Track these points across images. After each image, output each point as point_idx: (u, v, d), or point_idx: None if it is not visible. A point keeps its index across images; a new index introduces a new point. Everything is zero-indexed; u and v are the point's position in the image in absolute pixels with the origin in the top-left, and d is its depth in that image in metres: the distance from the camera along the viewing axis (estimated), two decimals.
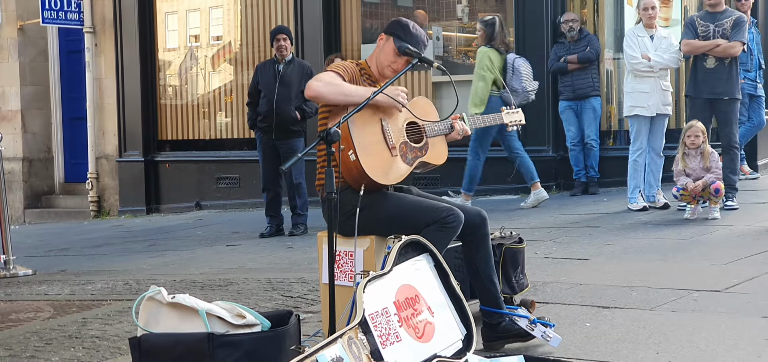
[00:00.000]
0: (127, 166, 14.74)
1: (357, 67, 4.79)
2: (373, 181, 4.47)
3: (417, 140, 4.74)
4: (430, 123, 4.80)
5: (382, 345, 3.70)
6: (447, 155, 4.89)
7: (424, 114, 4.82)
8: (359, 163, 4.42)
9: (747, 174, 11.02)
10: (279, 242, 9.56)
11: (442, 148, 4.86)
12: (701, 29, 8.93)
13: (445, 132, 4.86)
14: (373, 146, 4.54)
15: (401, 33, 4.77)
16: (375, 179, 4.47)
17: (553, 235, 8.18)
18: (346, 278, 4.46)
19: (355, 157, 4.42)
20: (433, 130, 4.80)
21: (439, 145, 4.84)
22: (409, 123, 4.74)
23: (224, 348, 3.74)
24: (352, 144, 4.44)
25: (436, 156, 4.80)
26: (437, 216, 4.41)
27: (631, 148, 9.41)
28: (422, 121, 4.78)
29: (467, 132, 4.95)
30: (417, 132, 4.75)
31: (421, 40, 4.80)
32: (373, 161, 4.49)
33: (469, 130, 4.95)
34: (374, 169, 4.48)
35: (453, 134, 4.89)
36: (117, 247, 10.66)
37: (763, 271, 6.14)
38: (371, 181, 4.46)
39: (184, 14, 15.15)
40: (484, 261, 4.64)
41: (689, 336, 4.60)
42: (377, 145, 4.57)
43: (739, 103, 9.18)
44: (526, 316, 4.63)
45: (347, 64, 4.76)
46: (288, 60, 9.87)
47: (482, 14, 12.70)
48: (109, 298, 6.79)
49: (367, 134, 4.53)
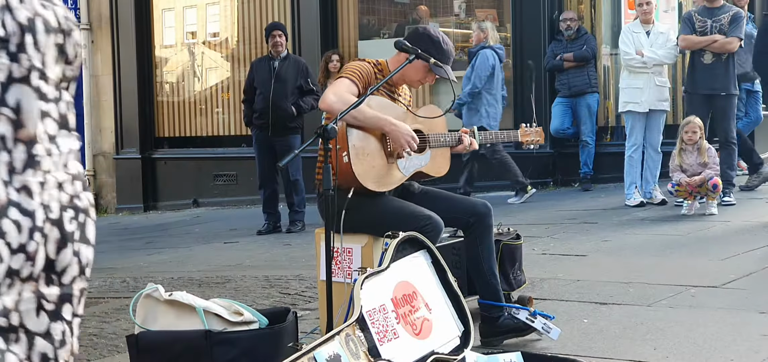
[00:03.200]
0: (125, 163, 14.72)
1: (374, 69, 4.67)
2: (364, 186, 4.45)
3: (419, 149, 4.64)
4: (436, 135, 4.73)
5: (379, 342, 3.70)
6: (448, 168, 4.82)
7: (432, 123, 4.75)
8: (350, 166, 4.40)
9: (744, 170, 11.02)
10: (277, 239, 9.55)
11: (443, 160, 4.79)
12: (699, 24, 8.93)
13: (451, 144, 4.81)
14: (369, 151, 4.50)
15: (434, 52, 4.63)
16: (365, 185, 4.45)
17: (551, 232, 8.18)
18: (343, 275, 4.45)
19: (347, 159, 4.39)
20: (438, 142, 4.73)
21: (440, 156, 4.78)
22: (415, 130, 4.64)
23: (222, 345, 3.74)
24: (346, 145, 4.41)
25: (437, 168, 4.75)
26: (416, 224, 4.39)
27: (627, 143, 9.43)
28: (429, 131, 4.71)
29: (475, 147, 4.90)
30: (421, 140, 4.65)
31: (451, 54, 4.71)
32: (365, 167, 4.45)
33: (477, 145, 4.91)
34: (365, 176, 4.45)
35: (459, 147, 4.82)
36: (114, 245, 10.65)
37: (761, 267, 6.15)
38: (361, 186, 4.44)
39: (180, 11, 15.14)
40: (487, 252, 4.65)
41: (687, 332, 4.60)
42: (374, 150, 4.52)
43: (736, 98, 9.19)
44: (525, 309, 4.64)
45: (363, 66, 4.63)
46: (283, 56, 9.86)
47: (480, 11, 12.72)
48: (106, 296, 6.79)
49: (367, 140, 4.50)
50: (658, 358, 4.20)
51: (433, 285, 4.16)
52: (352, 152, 4.40)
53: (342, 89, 4.45)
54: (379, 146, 4.55)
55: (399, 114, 4.64)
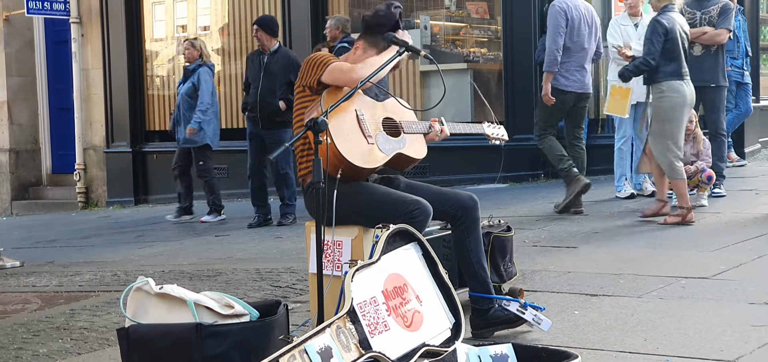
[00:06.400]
0: (115, 156, 14.70)
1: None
2: (351, 163, 4.45)
3: (394, 135, 4.73)
4: (409, 122, 4.81)
5: (370, 334, 3.70)
6: (426, 151, 4.88)
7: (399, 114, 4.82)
8: (335, 146, 4.39)
9: (734, 161, 11.06)
10: (268, 232, 9.55)
11: (420, 144, 4.86)
12: (688, 17, 8.95)
13: (423, 132, 4.88)
14: (349, 133, 4.53)
15: (375, 26, 4.75)
16: (352, 161, 4.45)
17: (542, 223, 8.19)
18: (334, 268, 4.45)
19: (330, 139, 4.40)
20: (411, 128, 4.81)
21: (416, 142, 4.84)
22: (386, 118, 4.74)
23: (213, 338, 3.74)
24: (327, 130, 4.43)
25: (415, 151, 4.80)
26: (404, 209, 4.41)
27: (616, 135, 9.46)
28: (401, 118, 4.78)
29: (446, 134, 4.96)
30: (394, 127, 4.75)
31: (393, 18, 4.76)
32: (349, 146, 4.47)
33: (448, 132, 4.96)
34: (350, 153, 4.46)
35: (431, 134, 4.89)
36: (105, 238, 10.64)
37: (751, 258, 6.17)
38: (349, 163, 4.44)
39: (170, 4, 15.11)
40: (475, 244, 4.65)
41: (677, 323, 4.62)
42: (353, 132, 4.55)
43: (725, 90, 9.21)
44: (516, 300, 4.65)
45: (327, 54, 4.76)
46: (273, 50, 9.86)
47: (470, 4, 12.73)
48: (97, 289, 6.78)
49: (342, 121, 4.52)
50: (649, 349, 4.21)
51: (424, 277, 4.16)
52: (333, 132, 4.39)
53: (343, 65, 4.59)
54: (356, 125, 4.58)
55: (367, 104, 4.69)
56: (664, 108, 7.76)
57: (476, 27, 12.98)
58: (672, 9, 7.89)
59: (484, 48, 12.74)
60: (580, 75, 8.70)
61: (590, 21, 8.76)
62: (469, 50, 12.74)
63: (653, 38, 7.72)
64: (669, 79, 7.73)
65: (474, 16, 13.00)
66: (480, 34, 13.01)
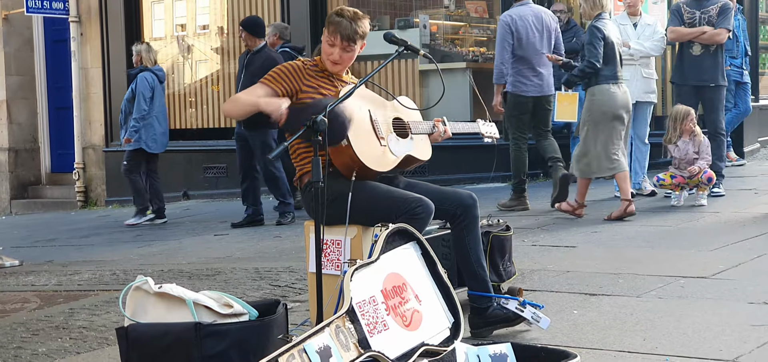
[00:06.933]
0: (114, 155, 14.67)
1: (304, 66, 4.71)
2: (366, 166, 4.47)
3: (402, 136, 4.76)
4: (415, 123, 4.85)
5: (369, 333, 3.70)
6: (431, 152, 4.92)
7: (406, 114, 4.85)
8: (352, 147, 4.42)
9: (733, 160, 11.06)
10: (267, 231, 9.55)
11: (425, 145, 4.89)
12: (687, 16, 8.95)
13: (428, 132, 4.91)
14: (364, 134, 4.55)
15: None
16: (367, 165, 4.48)
17: (540, 223, 8.19)
18: (333, 267, 4.46)
19: (347, 142, 4.42)
20: (417, 129, 4.85)
21: (422, 142, 4.88)
22: (395, 118, 4.77)
23: (212, 337, 3.74)
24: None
25: (422, 152, 4.85)
26: (407, 207, 4.41)
27: None
28: (408, 119, 4.81)
29: (449, 134, 4.99)
30: (402, 127, 4.78)
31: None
32: (364, 148, 4.49)
33: (450, 132, 4.99)
34: (366, 156, 4.48)
35: (435, 134, 4.93)
36: (104, 237, 10.63)
37: (750, 257, 6.17)
38: (364, 166, 4.46)
39: (170, 3, 15.10)
40: (474, 243, 4.66)
41: (676, 323, 4.62)
42: (367, 133, 4.57)
43: (724, 89, 9.22)
44: (515, 298, 4.66)
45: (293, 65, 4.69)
46: (256, 50, 9.85)
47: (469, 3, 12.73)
48: (96, 288, 6.78)
49: (358, 121, 4.53)
50: (648, 349, 4.21)
51: (423, 276, 4.16)
52: (352, 135, 4.41)
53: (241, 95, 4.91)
54: (370, 127, 4.60)
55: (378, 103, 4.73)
56: (594, 110, 8.12)
57: (475, 26, 12.99)
58: (604, 16, 8.26)
59: (483, 47, 12.74)
60: (537, 79, 9.06)
61: (540, 26, 9.05)
62: (468, 49, 12.74)
63: (594, 42, 8.07)
64: (603, 83, 8.08)
65: (473, 15, 13.02)
66: (479, 33, 13.01)
